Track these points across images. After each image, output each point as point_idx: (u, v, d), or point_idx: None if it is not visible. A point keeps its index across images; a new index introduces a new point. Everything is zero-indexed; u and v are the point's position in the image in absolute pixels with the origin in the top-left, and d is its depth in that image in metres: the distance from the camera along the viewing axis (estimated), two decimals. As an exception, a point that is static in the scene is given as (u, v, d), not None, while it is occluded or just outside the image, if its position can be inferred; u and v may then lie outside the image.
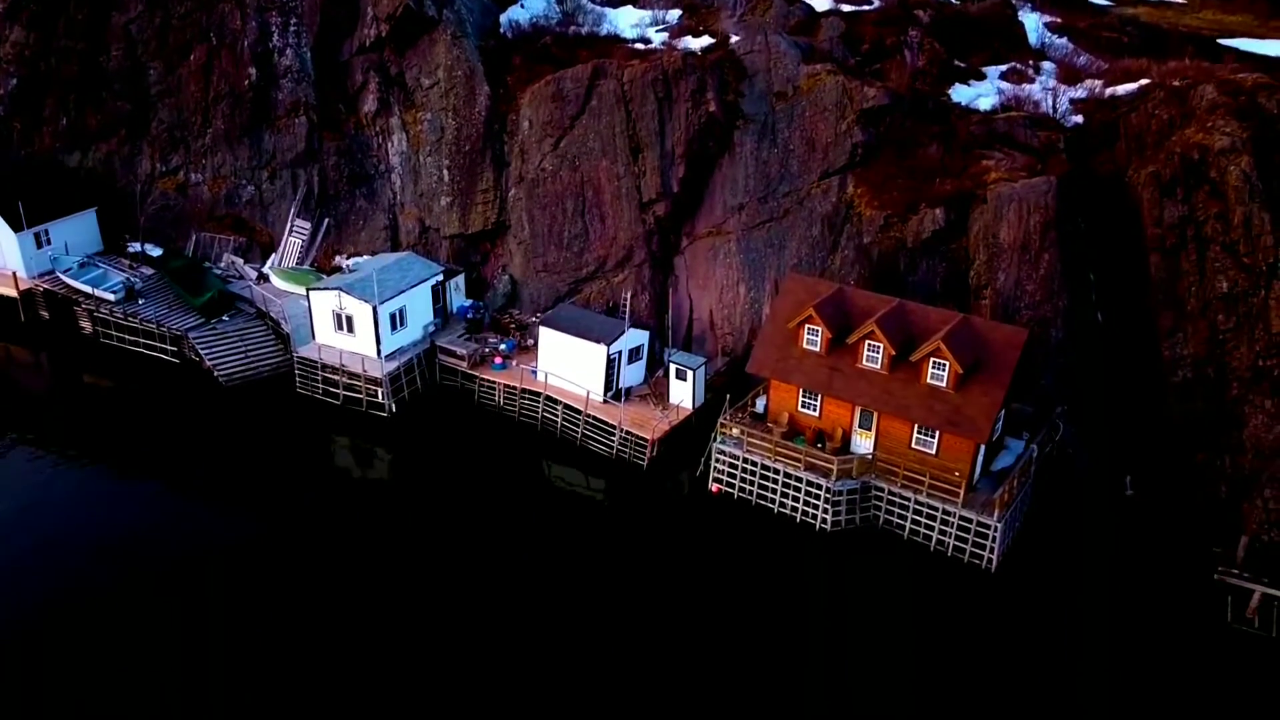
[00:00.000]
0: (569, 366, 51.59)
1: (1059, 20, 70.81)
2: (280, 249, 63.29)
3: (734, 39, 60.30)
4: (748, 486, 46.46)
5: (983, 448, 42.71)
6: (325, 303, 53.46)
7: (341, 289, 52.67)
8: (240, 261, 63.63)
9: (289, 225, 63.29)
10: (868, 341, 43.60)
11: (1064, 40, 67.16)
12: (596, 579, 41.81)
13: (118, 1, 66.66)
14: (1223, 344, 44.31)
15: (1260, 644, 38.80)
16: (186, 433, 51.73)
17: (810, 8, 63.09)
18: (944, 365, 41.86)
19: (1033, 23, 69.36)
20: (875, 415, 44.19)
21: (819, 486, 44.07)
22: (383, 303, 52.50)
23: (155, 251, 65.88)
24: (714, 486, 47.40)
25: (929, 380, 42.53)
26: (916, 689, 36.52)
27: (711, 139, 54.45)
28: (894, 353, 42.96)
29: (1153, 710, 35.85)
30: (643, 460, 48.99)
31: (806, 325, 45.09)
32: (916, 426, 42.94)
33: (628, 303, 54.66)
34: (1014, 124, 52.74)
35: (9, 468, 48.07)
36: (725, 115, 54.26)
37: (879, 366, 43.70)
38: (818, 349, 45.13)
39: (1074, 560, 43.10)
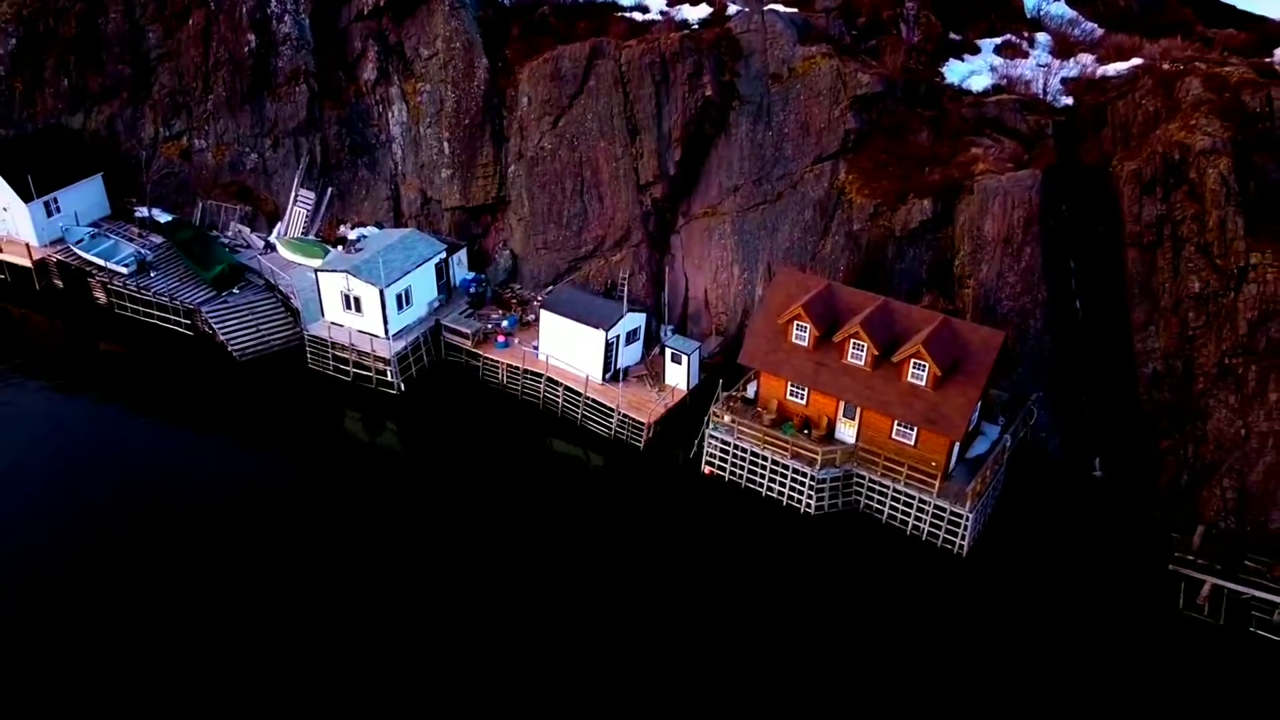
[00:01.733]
0: (569, 349, 53.84)
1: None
2: (285, 218, 64.73)
3: (731, 8, 60.61)
4: (738, 470, 49.29)
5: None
6: (334, 284, 55.36)
7: (349, 271, 54.45)
8: (247, 230, 65.17)
9: (293, 195, 64.59)
10: (853, 340, 45.76)
11: (1061, 3, 67.03)
12: (591, 555, 45.09)
13: (113, -40, 66.35)
14: (1192, 340, 46.45)
15: (1208, 631, 42.11)
16: (203, 404, 54.37)
17: (808, -24, 62.89)
18: (924, 366, 44.16)
19: (1031, -16, 69.02)
20: (858, 407, 46.68)
21: (804, 474, 46.87)
22: (389, 284, 54.35)
23: (163, 217, 67.37)
24: (707, 469, 50.24)
25: (909, 379, 44.89)
26: (883, 668, 40.00)
27: (708, 121, 55.42)
28: (877, 352, 45.20)
29: (1101, 692, 39.36)
30: (639, 442, 51.68)
31: (795, 321, 47.14)
32: (897, 421, 45.46)
33: (625, 282, 56.57)
34: (1004, 108, 53.68)
35: (31, 431, 50.84)
36: (721, 96, 55.12)
37: (863, 364, 45.99)
38: (805, 344, 47.33)
39: (1041, 544, 46.24)
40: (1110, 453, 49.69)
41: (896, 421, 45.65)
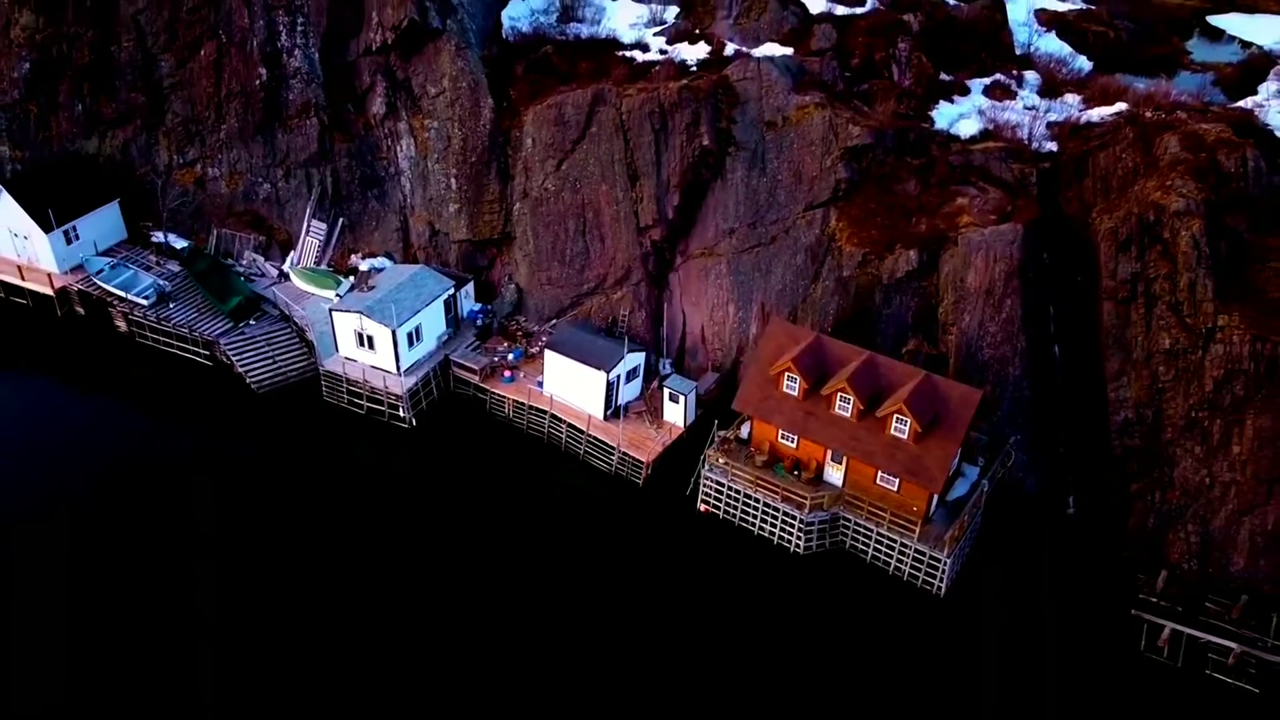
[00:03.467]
0: (572, 388, 56.58)
1: (1049, 9, 71.99)
2: (298, 248, 67.11)
3: (729, 47, 62.47)
4: (732, 510, 52.29)
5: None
6: (348, 323, 57.97)
7: (363, 312, 57.03)
8: (261, 259, 67.60)
9: (305, 225, 66.90)
10: (840, 393, 48.46)
11: (1051, 36, 68.74)
12: (588, 588, 48.41)
13: (125, -11, 67.92)
14: (1162, 392, 49.09)
15: (1167, 673, 45.30)
16: (224, 433, 57.40)
17: (804, 9, 64.64)
18: (906, 421, 46.89)
19: (1023, 12, 70.66)
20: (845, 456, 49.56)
21: (794, 517, 49.86)
22: (400, 325, 56.94)
23: (178, 242, 69.77)
24: (702, 507, 53.23)
25: (893, 431, 47.67)
26: (858, 705, 43.30)
27: (705, 167, 57.57)
28: (862, 406, 47.93)
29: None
30: (639, 479, 54.61)
31: (786, 373, 49.81)
32: (880, 471, 48.35)
33: (626, 319, 59.21)
34: (990, 156, 55.77)
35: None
36: (718, 143, 57.18)
37: (849, 415, 48.74)
38: (796, 394, 50.05)
39: (1015, 583, 49.33)
40: (1083, 492, 52.59)
41: (880, 471, 48.49)
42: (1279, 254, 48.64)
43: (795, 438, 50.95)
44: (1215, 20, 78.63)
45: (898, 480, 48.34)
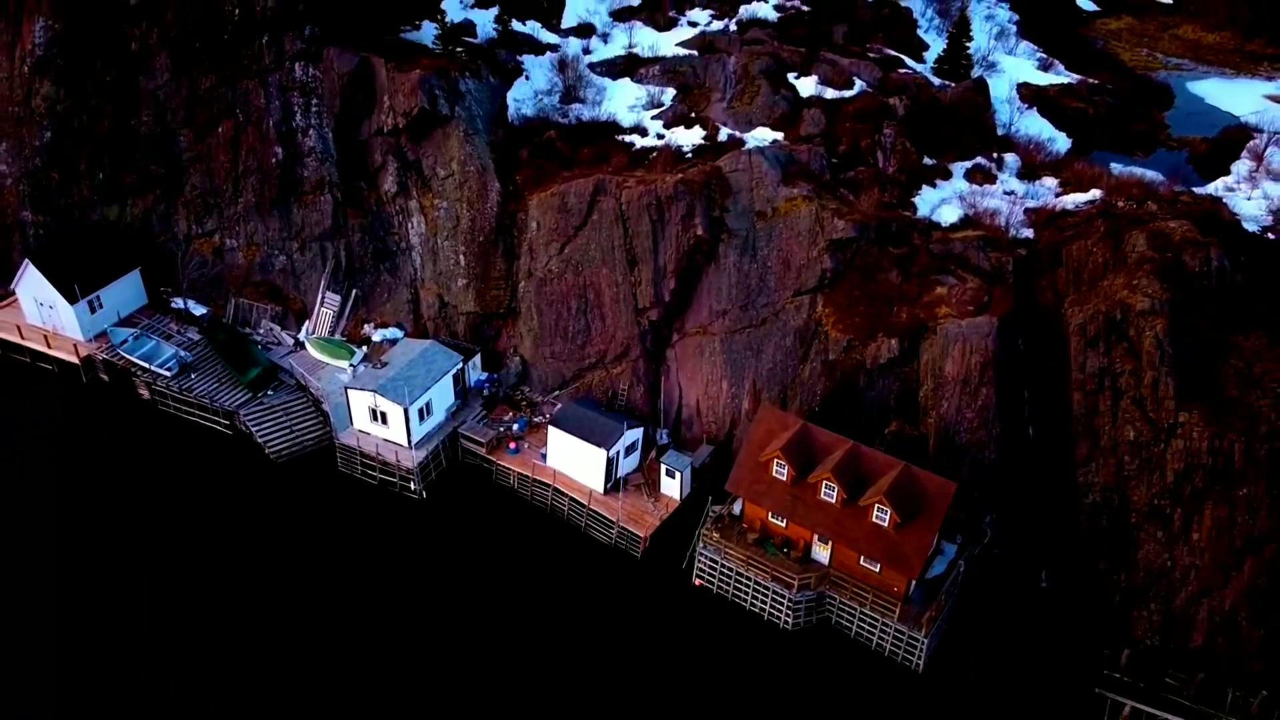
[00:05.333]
0: (574, 462, 59.91)
1: (1031, 83, 75.11)
2: (313, 318, 70.40)
3: (723, 132, 65.69)
4: (725, 585, 55.64)
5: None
6: (362, 399, 61.27)
7: (376, 391, 60.33)
8: (278, 329, 70.88)
9: (320, 296, 70.17)
10: (824, 482, 51.78)
11: (1033, 114, 71.88)
12: (586, 659, 51.80)
13: (145, 67, 70.93)
14: (1127, 480, 52.35)
15: (1127, 748, 48.79)
16: (244, 502, 60.88)
17: (795, 93, 67.82)
18: (886, 511, 50.21)
19: (1006, 87, 73.76)
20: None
21: (783, 595, 53.21)
22: (412, 403, 60.25)
23: (197, 309, 73.03)
24: (697, 580, 56.59)
25: (874, 519, 51.01)
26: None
27: (699, 254, 60.79)
28: (845, 495, 51.26)
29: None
30: (637, 552, 57.97)
31: (775, 460, 53.12)
32: (862, 556, 51.71)
33: (625, 393, 62.51)
34: (969, 245, 58.95)
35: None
36: (711, 232, 60.38)
37: (834, 501, 52.05)
38: (784, 479, 53.36)
39: (989, 658, 52.65)
40: (1055, 566, 55.86)
41: (862, 556, 51.85)
42: (1239, 351, 51.76)
43: (785, 519, 54.25)
44: (1193, 88, 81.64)
45: (879, 563, 51.65)
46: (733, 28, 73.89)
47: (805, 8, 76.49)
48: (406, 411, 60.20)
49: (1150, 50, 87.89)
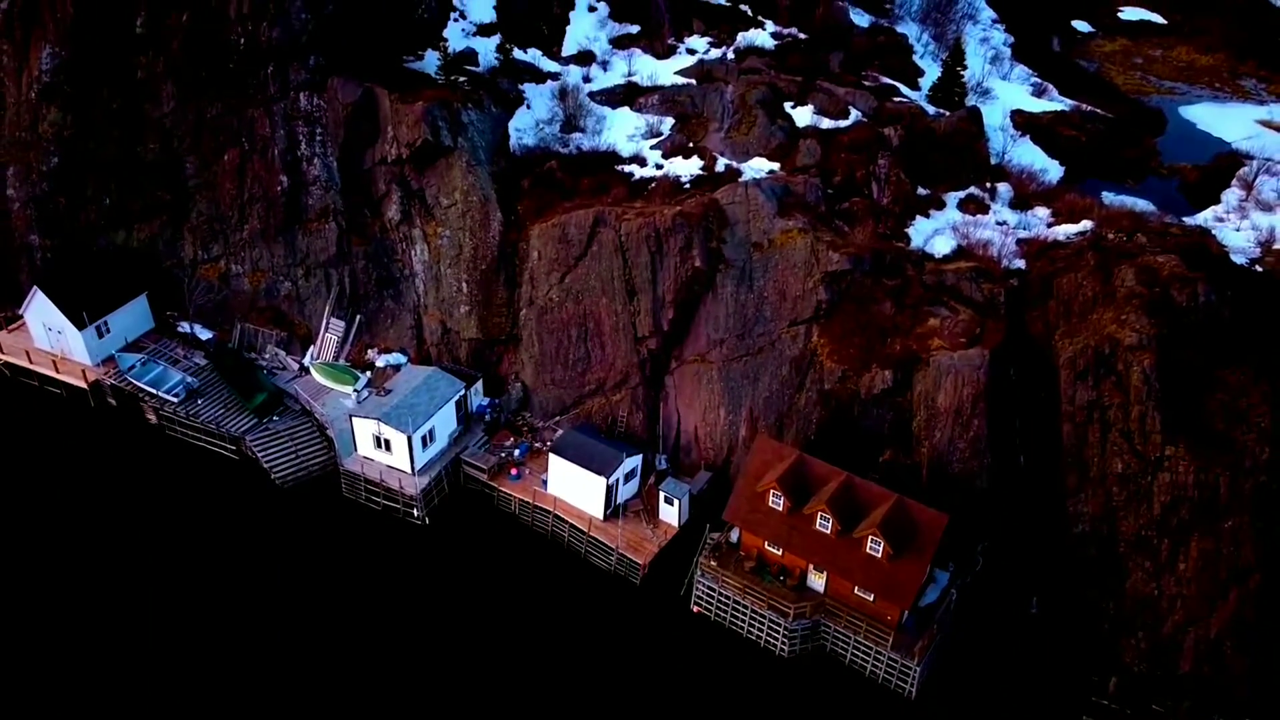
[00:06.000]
0: (574, 489, 61.13)
1: (1025, 109, 76.20)
2: (318, 343, 71.56)
3: (720, 163, 66.86)
4: (722, 612, 56.84)
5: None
6: (366, 427, 62.49)
7: (380, 419, 61.51)
8: (283, 354, 72.08)
9: (325, 322, 71.35)
10: (820, 513, 52.97)
11: (1025, 141, 72.98)
12: (586, 685, 53.12)
13: (151, 95, 71.96)
14: (1115, 511, 53.53)
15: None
16: (250, 528, 62.17)
17: (791, 122, 68.92)
18: (879, 543, 51.40)
19: (999, 115, 74.86)
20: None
21: (779, 623, 54.42)
22: (416, 430, 61.44)
23: (203, 333, 74.19)
24: (695, 608, 57.80)
25: (868, 550, 52.20)
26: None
27: (697, 284, 61.94)
28: (840, 527, 52.45)
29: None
30: (636, 578, 59.17)
31: (771, 491, 54.32)
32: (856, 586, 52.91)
33: (625, 419, 63.70)
34: (961, 276, 60.04)
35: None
36: (709, 263, 61.52)
37: (829, 532, 53.25)
38: (780, 509, 54.55)
39: (980, 684, 53.87)
40: (1045, 593, 57.02)
41: (856, 586, 53.06)
42: (1225, 386, 52.88)
43: (781, 547, 55.45)
44: (1185, 112, 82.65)
45: (873, 594, 52.84)
46: (730, 56, 74.88)
47: (802, 35, 77.47)
48: (410, 439, 61.37)
49: (1144, 74, 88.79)
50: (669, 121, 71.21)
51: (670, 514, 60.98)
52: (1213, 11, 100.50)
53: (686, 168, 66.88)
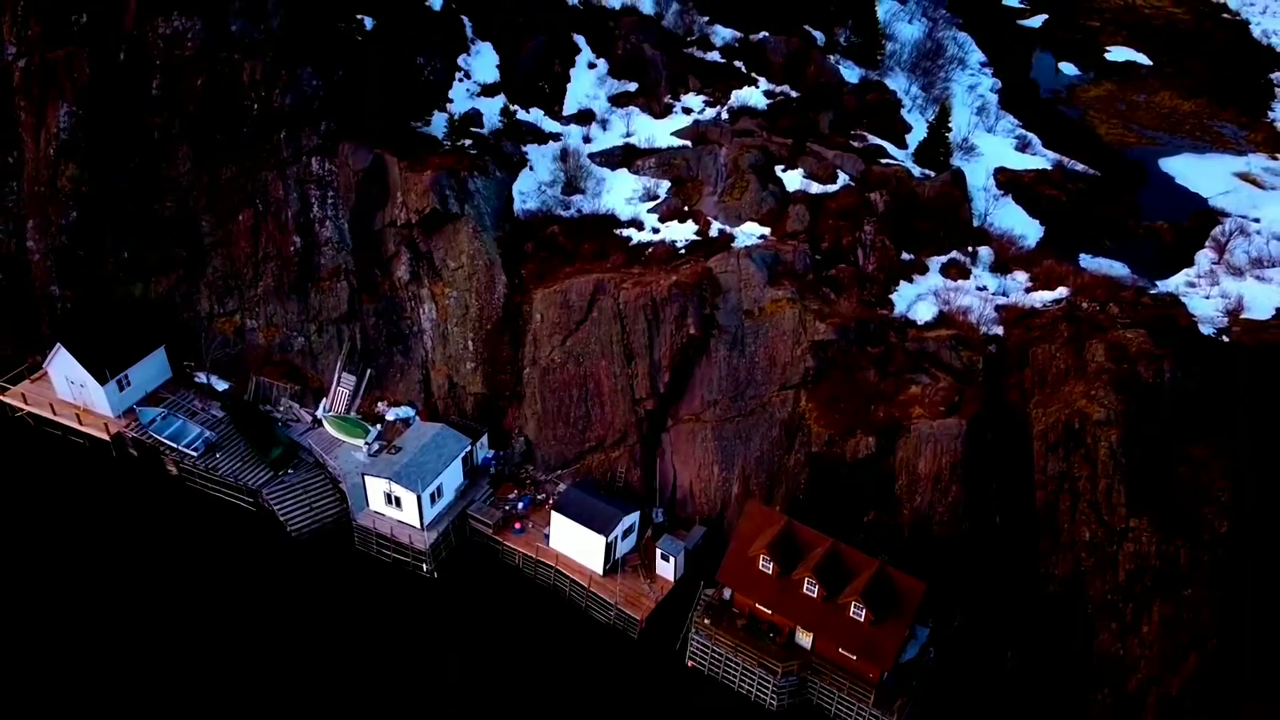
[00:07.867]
0: (575, 545, 64.54)
1: (1008, 167, 79.22)
2: (330, 396, 74.82)
3: (714, 228, 69.96)
4: (716, 667, 60.36)
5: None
6: (378, 486, 65.84)
7: (391, 478, 64.87)
8: (297, 406, 75.31)
9: (336, 376, 74.59)
10: (806, 579, 56.40)
11: (1008, 202, 76.04)
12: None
13: (167, 155, 74.90)
14: (1084, 575, 56.96)
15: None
16: (266, 580, 65.60)
17: (782, 187, 71.99)
18: (862, 608, 54.86)
19: (983, 174, 77.90)
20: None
21: (768, 679, 57.95)
22: (425, 489, 64.82)
23: (220, 384, 77.39)
24: (689, 662, 61.32)
25: (851, 615, 55.66)
26: None
27: (692, 349, 65.16)
28: (825, 592, 55.91)
29: None
30: (634, 633, 62.66)
31: (761, 556, 57.74)
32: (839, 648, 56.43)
33: (623, 475, 67.04)
34: (942, 344, 63.23)
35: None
36: (703, 329, 64.73)
37: (815, 597, 56.68)
38: (770, 573, 57.98)
39: (956, 736, 57.51)
40: (1019, 647, 60.47)
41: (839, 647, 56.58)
42: (1189, 459, 56.18)
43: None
44: (1166, 165, 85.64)
45: (855, 655, 56.34)
46: (724, 116, 77.84)
47: (794, 93, 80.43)
48: (419, 497, 64.74)
49: (1126, 121, 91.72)
50: (665, 184, 74.21)
51: (667, 569, 64.41)
52: (1197, 52, 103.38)
53: (682, 232, 69.96)
